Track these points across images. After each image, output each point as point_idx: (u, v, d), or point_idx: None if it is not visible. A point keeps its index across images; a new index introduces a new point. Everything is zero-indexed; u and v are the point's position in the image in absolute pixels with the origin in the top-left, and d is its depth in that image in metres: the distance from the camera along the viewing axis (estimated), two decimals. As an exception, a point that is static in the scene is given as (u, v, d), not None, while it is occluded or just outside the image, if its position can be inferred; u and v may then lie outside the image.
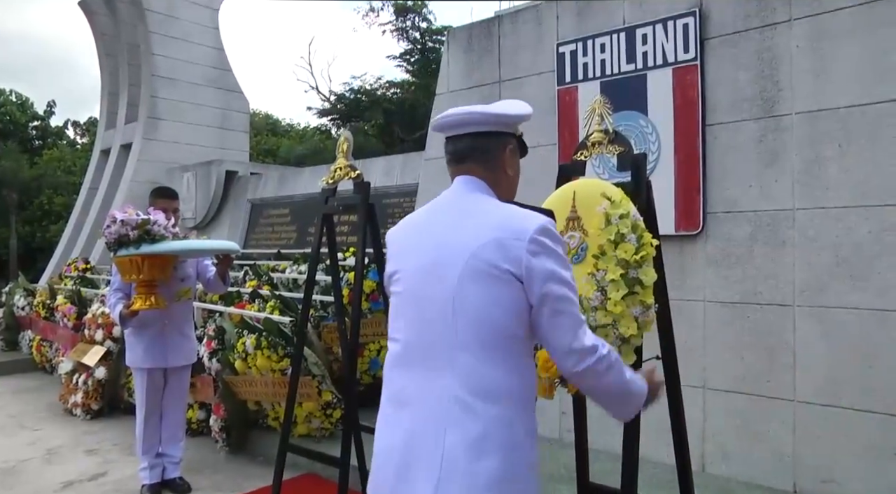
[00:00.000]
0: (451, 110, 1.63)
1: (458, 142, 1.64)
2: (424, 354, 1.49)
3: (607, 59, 4.26)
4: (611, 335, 2.10)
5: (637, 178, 2.37)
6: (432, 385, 1.45)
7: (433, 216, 1.62)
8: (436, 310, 1.48)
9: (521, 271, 1.43)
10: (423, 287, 1.52)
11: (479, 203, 1.57)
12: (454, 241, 1.49)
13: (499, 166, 1.64)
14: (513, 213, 1.52)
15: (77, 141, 36.21)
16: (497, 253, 1.44)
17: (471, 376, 1.42)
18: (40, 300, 7.89)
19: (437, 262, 1.50)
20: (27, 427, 5.33)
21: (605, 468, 3.22)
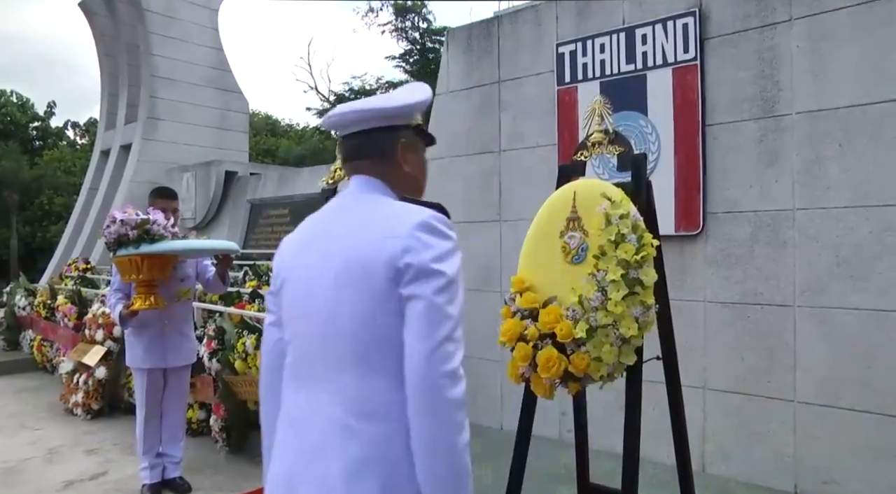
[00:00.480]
0: (335, 109, 1.51)
1: (350, 141, 1.52)
2: (308, 373, 1.39)
3: (607, 59, 4.26)
4: (611, 335, 2.10)
5: (637, 179, 2.37)
6: (315, 406, 1.35)
7: (322, 223, 1.49)
8: (316, 325, 1.37)
9: (393, 270, 1.28)
10: (305, 300, 1.41)
11: (368, 204, 1.44)
12: (334, 248, 1.38)
13: (393, 162, 1.49)
14: (396, 211, 1.38)
15: (77, 141, 36.22)
16: (377, 258, 1.30)
17: (352, 396, 1.30)
18: (41, 300, 7.89)
19: (318, 273, 1.38)
20: (28, 427, 5.33)
21: (606, 468, 3.22)
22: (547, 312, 2.20)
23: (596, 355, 2.12)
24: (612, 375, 2.16)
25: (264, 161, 21.87)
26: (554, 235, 2.33)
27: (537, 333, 2.19)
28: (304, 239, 1.49)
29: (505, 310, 2.33)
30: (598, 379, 2.17)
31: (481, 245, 4.84)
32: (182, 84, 11.55)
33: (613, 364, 2.12)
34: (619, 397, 3.80)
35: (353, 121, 1.48)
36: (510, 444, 4.20)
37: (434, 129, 5.28)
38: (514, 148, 4.70)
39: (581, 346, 2.13)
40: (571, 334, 2.13)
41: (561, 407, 4.27)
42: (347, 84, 20.32)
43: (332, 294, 1.34)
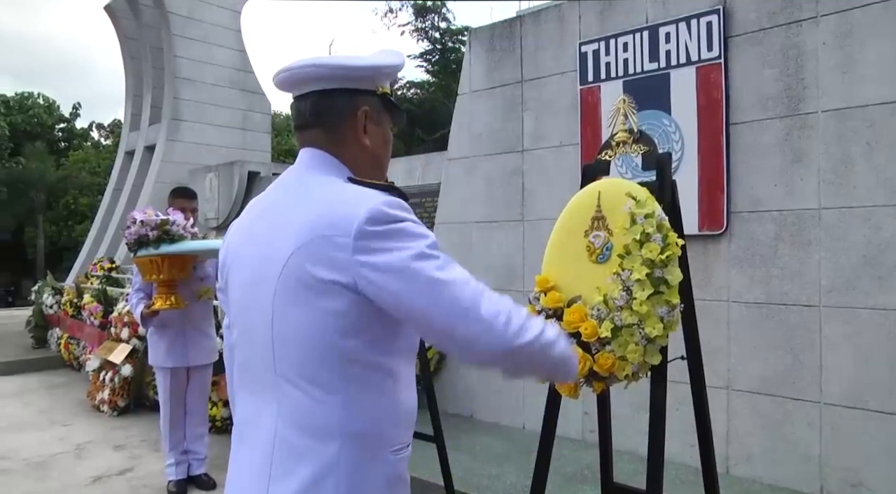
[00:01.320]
0: (289, 63, 1.27)
1: (302, 103, 1.28)
2: (252, 384, 1.23)
3: (630, 58, 4.24)
4: (636, 335, 2.09)
5: (662, 178, 2.36)
6: (260, 420, 1.19)
7: (264, 208, 1.28)
8: (257, 333, 1.19)
9: (351, 279, 1.09)
10: (246, 304, 1.23)
11: (313, 187, 1.22)
12: (275, 243, 1.17)
13: (348, 135, 1.27)
14: (342, 199, 1.15)
15: (101, 142, 36.76)
16: (318, 256, 1.11)
17: (297, 412, 1.15)
18: (68, 298, 8.03)
19: (257, 272, 1.20)
20: (57, 423, 5.43)
21: (629, 469, 3.22)
22: (572, 311, 2.20)
23: (621, 354, 2.11)
24: (636, 375, 2.16)
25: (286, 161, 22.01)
26: (578, 234, 2.33)
27: (562, 332, 2.19)
28: (245, 228, 1.29)
29: (529, 309, 2.33)
30: (622, 379, 2.16)
31: (504, 244, 4.84)
32: (205, 85, 11.68)
33: (638, 363, 2.11)
34: (641, 397, 3.79)
35: (310, 78, 1.25)
36: (533, 444, 4.20)
37: (456, 129, 5.30)
38: (537, 147, 4.70)
39: (606, 346, 2.13)
40: (596, 333, 2.13)
41: (584, 407, 4.27)
42: (368, 84, 20.31)
43: (272, 301, 1.16)
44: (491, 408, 4.85)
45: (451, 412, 4.87)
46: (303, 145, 1.30)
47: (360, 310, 1.11)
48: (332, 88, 1.25)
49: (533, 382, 4.11)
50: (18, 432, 5.19)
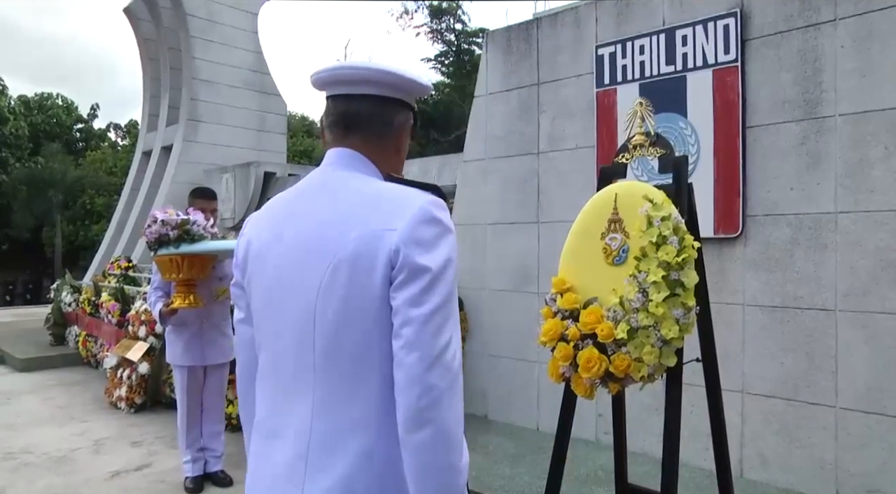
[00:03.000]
0: (345, 62, 1.30)
1: (350, 104, 1.28)
2: (284, 380, 1.22)
3: (646, 60, 4.25)
4: (652, 336, 2.11)
5: (679, 181, 2.37)
6: (292, 416, 1.19)
7: (294, 205, 1.27)
8: (294, 328, 1.19)
9: (388, 264, 1.12)
10: (280, 296, 1.22)
11: (353, 184, 1.23)
12: (318, 238, 1.18)
13: (391, 141, 1.31)
14: (393, 194, 1.18)
15: (118, 143, 37.11)
16: (368, 246, 1.12)
17: (335, 407, 1.16)
18: (86, 297, 8.12)
19: (296, 266, 1.20)
20: (76, 419, 5.50)
21: (642, 470, 3.23)
22: (588, 313, 2.22)
23: (637, 356, 2.13)
24: (652, 376, 2.17)
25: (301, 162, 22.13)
26: (595, 237, 2.34)
27: (578, 333, 2.21)
28: (275, 221, 1.28)
29: (546, 311, 2.35)
30: (638, 380, 2.18)
31: (519, 246, 4.86)
32: (222, 86, 11.77)
33: (654, 365, 2.12)
34: (655, 399, 3.80)
35: (366, 80, 1.26)
36: (546, 444, 4.23)
37: (472, 131, 5.32)
38: (553, 150, 4.71)
39: (622, 347, 2.15)
40: (612, 335, 2.14)
41: (597, 409, 4.28)
42: (383, 85, 20.37)
43: (318, 295, 1.16)
44: (505, 409, 4.87)
45: (465, 412, 4.88)
46: (339, 144, 1.28)
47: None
48: (387, 96, 1.28)
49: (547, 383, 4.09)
50: (39, 427, 5.27)
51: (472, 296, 5.13)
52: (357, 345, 1.14)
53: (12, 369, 7.88)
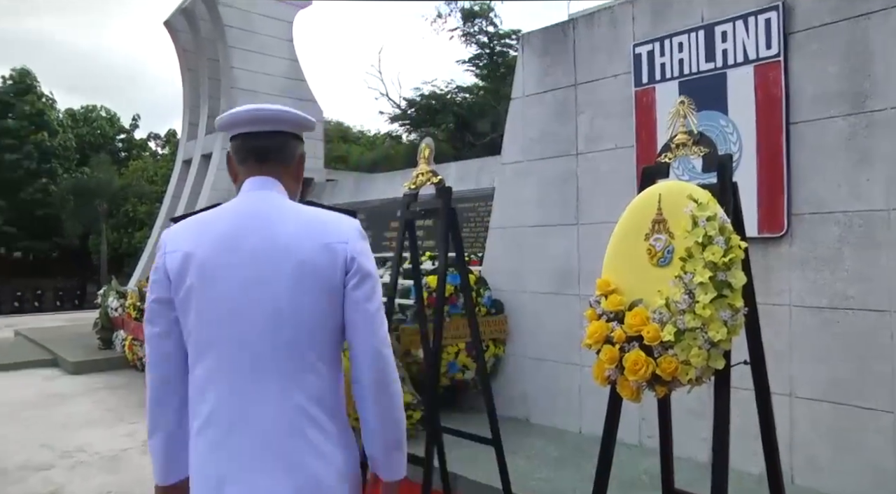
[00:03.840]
0: (261, 105, 1.56)
1: (265, 140, 1.55)
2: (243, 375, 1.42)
3: (685, 58, 4.19)
4: (699, 338, 2.07)
5: (723, 180, 2.33)
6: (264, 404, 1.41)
7: (240, 223, 1.48)
8: (263, 326, 1.41)
9: (344, 271, 1.45)
10: (241, 302, 1.42)
11: (287, 206, 1.52)
12: (275, 250, 1.43)
13: (296, 170, 1.63)
14: (328, 217, 1.52)
15: (158, 152, 37.98)
16: (327, 259, 1.44)
17: (318, 390, 1.44)
18: (131, 302, 8.32)
19: (261, 274, 1.42)
20: (124, 420, 5.65)
21: (688, 476, 3.16)
22: (633, 315, 2.19)
23: (684, 358, 2.09)
24: (700, 379, 2.13)
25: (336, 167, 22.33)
26: (639, 238, 2.31)
27: (624, 336, 2.18)
28: (221, 237, 1.47)
29: (590, 313, 2.32)
30: (686, 383, 2.14)
31: (558, 248, 4.82)
32: (260, 95, 11.95)
33: (702, 367, 2.09)
34: (699, 403, 3.73)
35: (276, 119, 1.55)
36: (589, 448, 4.19)
37: (510, 133, 5.31)
38: (592, 150, 4.67)
39: (668, 349, 2.11)
40: (659, 337, 2.11)
41: (641, 413, 4.22)
42: (418, 89, 20.53)
43: (286, 297, 1.41)
44: (547, 412, 4.83)
45: (507, 415, 4.86)
46: (255, 173, 1.55)
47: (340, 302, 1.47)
48: (293, 133, 1.60)
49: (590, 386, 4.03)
50: (90, 428, 5.44)
51: (512, 299, 5.11)
52: (321, 334, 1.45)
53: (64, 371, 8.12)
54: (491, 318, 4.97)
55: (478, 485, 3.68)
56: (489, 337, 4.90)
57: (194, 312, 1.46)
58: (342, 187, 10.03)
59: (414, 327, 4.68)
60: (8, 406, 6.28)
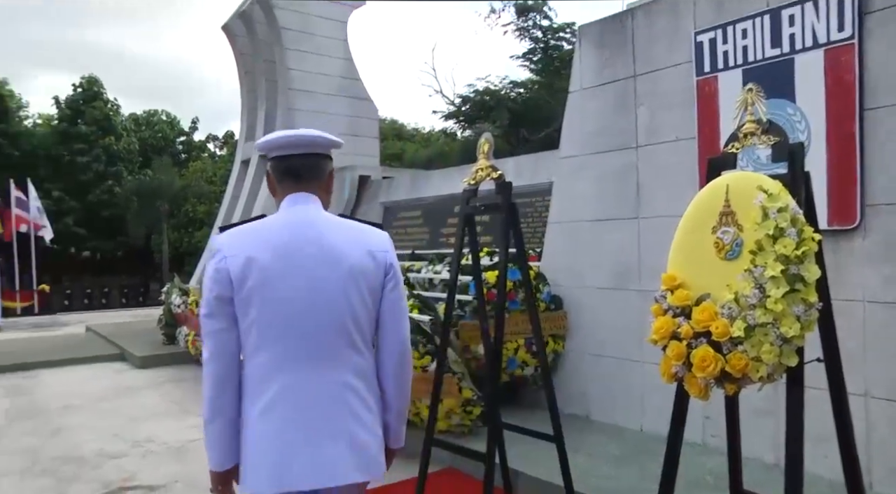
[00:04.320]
0: (292, 132, 1.84)
1: (299, 161, 1.83)
2: (310, 357, 1.73)
3: (749, 44, 4.05)
4: (770, 334, 2.00)
5: (794, 169, 2.25)
6: (322, 380, 1.73)
7: (295, 232, 1.76)
8: (323, 318, 1.72)
9: (384, 274, 1.81)
10: (308, 299, 1.72)
11: (331, 218, 1.83)
12: (329, 256, 1.74)
13: (326, 186, 1.92)
14: (366, 228, 1.87)
15: (216, 153, 38.98)
16: (372, 265, 1.79)
17: (354, 368, 1.78)
18: (193, 299, 8.53)
19: (322, 277, 1.73)
20: (190, 412, 5.82)
21: (753, 477, 3.06)
22: (701, 310, 2.13)
23: (754, 355, 2.03)
24: (771, 376, 2.06)
25: (392, 165, 22.49)
26: (705, 231, 2.25)
27: (691, 331, 2.13)
28: (281, 249, 1.73)
29: (656, 308, 2.27)
30: (756, 380, 2.07)
31: (618, 243, 4.74)
32: (316, 95, 12.11)
33: (774, 365, 2.02)
34: (766, 401, 3.61)
35: (312, 144, 1.85)
36: (651, 446, 4.11)
37: (567, 127, 5.25)
38: (652, 143, 4.57)
39: (738, 346, 2.05)
40: (728, 333, 2.05)
41: (704, 411, 4.11)
42: (472, 86, 20.47)
43: (341, 294, 1.74)
44: (607, 409, 4.76)
45: (566, 412, 4.81)
46: (296, 190, 1.83)
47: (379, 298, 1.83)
48: (325, 154, 1.90)
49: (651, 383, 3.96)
50: (159, 419, 5.65)
51: (571, 295, 5.05)
52: (364, 323, 1.79)
53: (132, 365, 8.43)
54: (550, 314, 4.93)
55: (539, 482, 3.65)
56: (548, 333, 4.85)
57: (255, 309, 1.70)
58: (398, 184, 10.07)
59: (473, 323, 4.67)
60: (83, 397, 6.56)
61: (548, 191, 5.94)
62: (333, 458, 1.71)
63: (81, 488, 4.05)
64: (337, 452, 1.72)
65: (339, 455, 1.72)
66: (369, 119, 12.94)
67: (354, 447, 1.74)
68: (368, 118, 12.91)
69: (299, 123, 11.93)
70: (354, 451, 1.74)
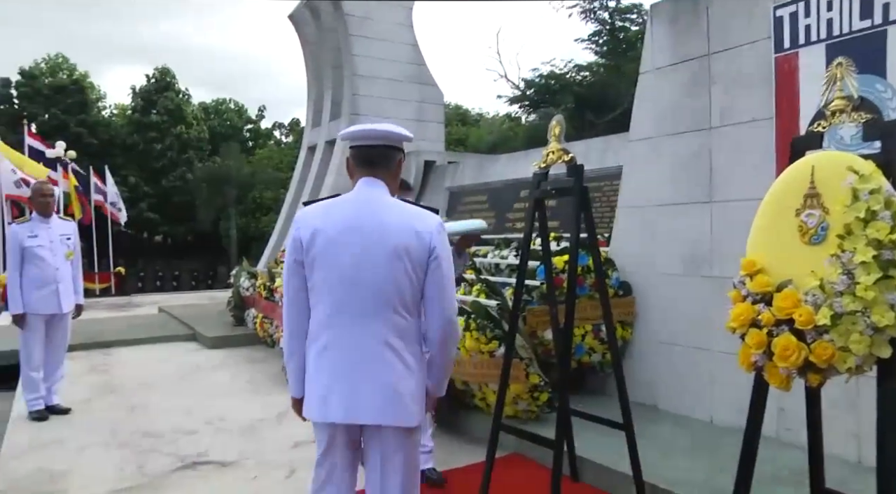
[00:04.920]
0: (369, 126, 2.17)
1: (372, 151, 2.18)
2: (357, 314, 2.08)
3: (835, 17, 3.82)
4: (860, 323, 1.90)
5: (889, 149, 2.11)
6: (365, 335, 2.07)
7: (357, 211, 2.12)
8: (369, 283, 2.06)
9: (428, 253, 2.08)
10: (356, 269, 2.06)
11: (390, 201, 2.15)
12: (383, 233, 2.07)
13: (396, 172, 2.24)
14: (419, 211, 2.15)
15: (282, 140, 39.77)
16: (416, 243, 2.07)
17: (393, 327, 2.08)
18: (261, 282, 8.75)
19: (370, 252, 2.06)
20: (260, 392, 5.99)
21: (834, 475, 2.93)
22: (783, 297, 2.04)
23: (841, 344, 1.93)
24: (861, 367, 1.96)
25: (457, 150, 22.46)
26: (789, 214, 2.15)
27: (773, 319, 2.04)
28: (342, 219, 2.11)
29: (734, 294, 2.19)
30: (843, 371, 1.97)
31: (689, 228, 4.58)
32: (382, 80, 12.17)
33: (863, 355, 1.91)
34: (844, 394, 3.44)
35: (391, 138, 2.19)
36: (722, 439, 4.00)
37: (638, 109, 5.11)
38: (726, 124, 4.39)
39: (823, 335, 1.95)
40: (813, 321, 1.96)
41: (779, 403, 3.96)
42: (536, 70, 20.18)
43: (387, 265, 2.05)
44: (675, 399, 4.64)
45: (634, 400, 4.68)
46: (368, 175, 2.18)
47: (424, 270, 2.10)
48: (391, 145, 2.20)
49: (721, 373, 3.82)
50: (229, 398, 5.82)
51: (641, 281, 4.92)
52: (407, 292, 2.09)
53: (203, 346, 8.71)
54: (619, 300, 4.82)
55: (606, 470, 3.59)
56: (616, 319, 4.75)
57: (318, 271, 2.10)
58: (464, 169, 10.04)
59: (541, 308, 4.62)
60: (158, 375, 6.82)
61: (616, 175, 5.80)
62: (365, 401, 2.06)
63: (159, 460, 4.21)
64: (369, 396, 2.06)
65: (370, 398, 2.06)
66: (434, 104, 12.94)
67: (385, 394, 2.06)
68: (434, 103, 12.91)
69: (364, 109, 12.05)
70: (385, 398, 2.06)
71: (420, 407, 2.14)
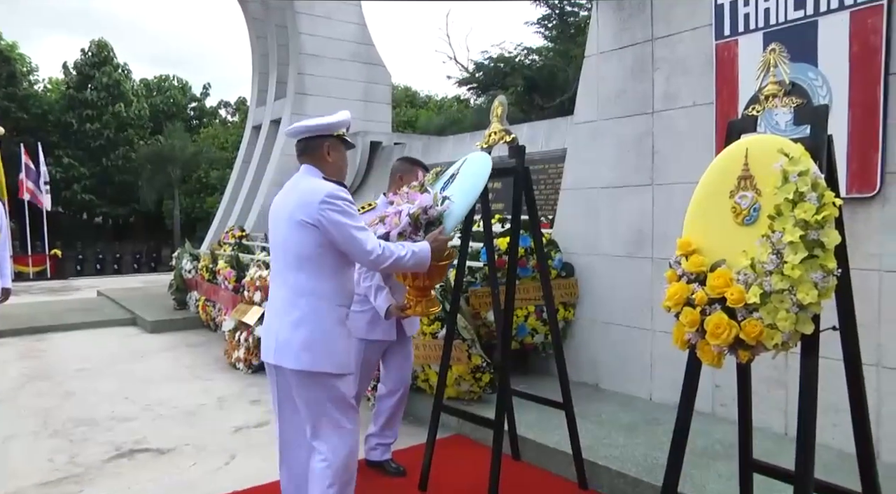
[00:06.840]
0: (296, 124, 2.67)
1: (300, 143, 2.65)
2: (276, 274, 2.61)
3: (772, 6, 3.92)
4: (787, 301, 1.96)
5: (817, 133, 2.18)
6: (278, 291, 2.58)
7: (286, 192, 2.62)
8: (279, 247, 2.57)
9: (315, 220, 2.43)
10: (275, 235, 2.59)
11: (306, 181, 2.56)
12: (287, 205, 2.55)
13: (321, 157, 2.61)
14: (316, 186, 2.50)
15: (228, 119, 38.82)
16: (303, 210, 2.45)
17: (294, 284, 2.51)
18: (204, 264, 8.57)
19: (282, 219, 2.55)
20: (200, 377, 5.88)
21: (763, 446, 3.05)
22: (716, 276, 2.09)
23: (770, 322, 1.98)
24: (787, 344, 2.02)
25: (405, 131, 22.30)
26: (723, 195, 2.19)
27: (706, 298, 2.08)
28: (276, 204, 2.65)
29: (670, 274, 2.23)
30: (771, 348, 2.03)
31: (631, 210, 4.67)
32: (328, 60, 11.99)
33: (789, 332, 1.97)
34: (775, 370, 3.58)
35: (301, 132, 2.63)
36: (660, 415, 4.11)
37: (583, 92, 5.15)
38: (669, 108, 4.47)
39: (753, 312, 2.01)
40: (743, 299, 2.01)
41: (714, 380, 4.09)
42: (486, 52, 20.11)
43: (287, 231, 2.51)
44: (616, 378, 4.75)
45: (576, 380, 4.79)
46: (301, 163, 2.65)
47: (320, 235, 2.46)
48: (312, 136, 2.63)
49: (661, 352, 3.92)
50: (169, 383, 5.69)
51: (584, 262, 5.00)
52: (303, 254, 2.50)
53: (143, 330, 8.50)
54: (561, 281, 4.88)
55: (547, 449, 3.65)
56: (559, 300, 4.82)
57: (269, 239, 2.68)
58: (410, 150, 10.00)
59: (484, 289, 4.65)
60: (95, 361, 6.62)
61: (561, 158, 5.86)
62: (273, 345, 2.54)
63: (93, 449, 4.08)
64: (274, 341, 2.53)
65: (275, 343, 2.53)
66: (382, 85, 12.82)
67: (279, 340, 2.51)
68: (381, 84, 12.78)
69: (310, 88, 11.85)
70: (279, 343, 2.51)
71: (313, 355, 2.46)
